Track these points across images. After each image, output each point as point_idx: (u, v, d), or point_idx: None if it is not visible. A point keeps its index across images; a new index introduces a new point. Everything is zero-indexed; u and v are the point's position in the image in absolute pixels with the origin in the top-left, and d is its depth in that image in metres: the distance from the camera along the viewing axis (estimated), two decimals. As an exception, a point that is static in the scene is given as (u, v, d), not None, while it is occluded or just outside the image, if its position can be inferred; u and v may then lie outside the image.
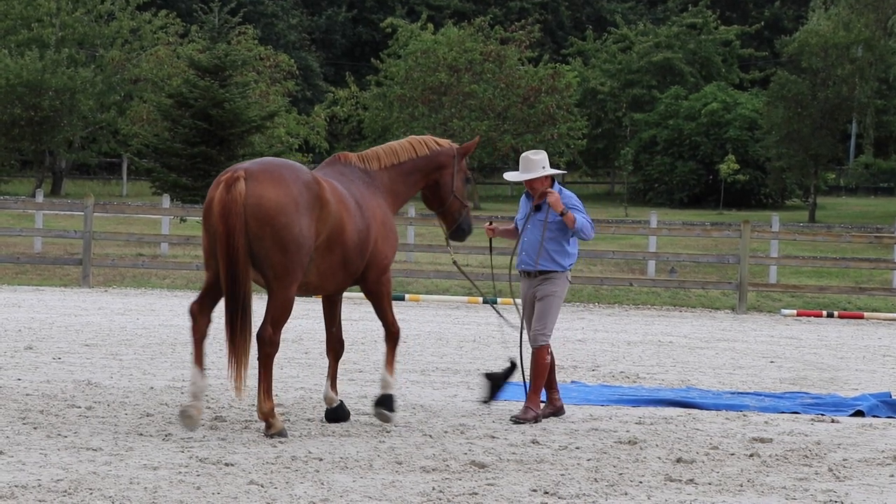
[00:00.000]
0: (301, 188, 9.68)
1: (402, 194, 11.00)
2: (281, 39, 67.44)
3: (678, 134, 57.76)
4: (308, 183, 9.76)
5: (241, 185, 9.53)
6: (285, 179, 9.65)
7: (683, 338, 18.96)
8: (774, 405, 12.34)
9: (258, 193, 9.52)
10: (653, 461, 9.41)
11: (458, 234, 11.49)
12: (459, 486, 8.30)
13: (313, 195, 9.75)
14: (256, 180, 9.56)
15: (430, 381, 13.42)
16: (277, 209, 9.52)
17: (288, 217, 9.55)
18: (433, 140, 11.21)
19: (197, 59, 41.34)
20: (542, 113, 55.48)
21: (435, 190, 11.27)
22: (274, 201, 9.53)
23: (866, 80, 54.39)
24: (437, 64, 55.67)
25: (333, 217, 9.89)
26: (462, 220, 11.45)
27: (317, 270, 9.99)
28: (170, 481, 8.15)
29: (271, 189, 9.56)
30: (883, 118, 58.27)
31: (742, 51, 67.14)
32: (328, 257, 9.98)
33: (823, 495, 8.44)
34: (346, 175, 10.53)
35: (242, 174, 9.59)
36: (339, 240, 9.98)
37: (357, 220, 10.18)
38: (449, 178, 11.29)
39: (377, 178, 10.71)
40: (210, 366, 13.81)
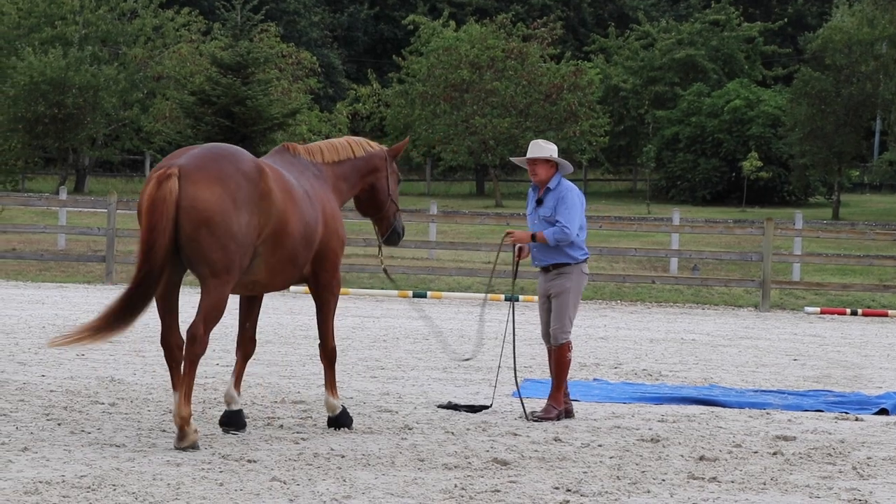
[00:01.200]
0: (240, 181, 9.14)
1: (343, 193, 10.54)
2: (303, 37, 67.49)
3: (701, 131, 57.62)
4: (248, 174, 9.21)
5: (173, 184, 9.00)
6: (223, 175, 9.10)
7: (706, 335, 18.91)
8: (798, 403, 12.30)
9: (192, 195, 9.00)
10: (675, 459, 9.39)
11: (393, 238, 11.09)
12: (482, 484, 8.30)
13: (254, 187, 9.21)
14: (190, 179, 9.02)
15: (451, 378, 13.42)
16: (214, 209, 8.99)
17: (225, 215, 9.02)
18: (367, 142, 10.86)
19: (219, 56, 41.41)
20: (564, 110, 55.41)
21: (371, 194, 10.83)
22: (209, 201, 9.00)
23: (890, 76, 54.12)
24: (459, 61, 55.65)
25: (277, 209, 9.36)
26: (396, 224, 11.03)
27: (265, 266, 9.51)
28: (192, 478, 8.17)
29: (206, 188, 9.01)
30: (907, 115, 57.94)
31: (765, 47, 66.93)
32: (277, 252, 9.49)
33: (847, 494, 8.41)
34: (294, 165, 10.09)
35: (176, 171, 9.05)
36: (284, 232, 9.45)
37: (305, 210, 9.67)
38: (384, 182, 10.85)
39: (324, 172, 10.33)
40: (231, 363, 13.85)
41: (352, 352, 15.33)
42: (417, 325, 18.97)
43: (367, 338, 16.95)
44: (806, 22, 71.69)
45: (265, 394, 11.76)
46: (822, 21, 64.50)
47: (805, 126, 52.14)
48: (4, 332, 16.06)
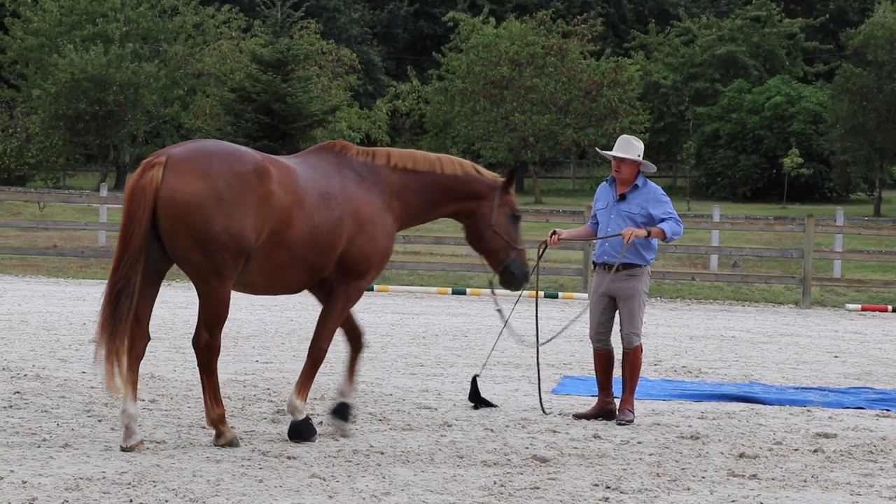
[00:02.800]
0: (230, 180, 8.72)
1: (414, 205, 9.83)
2: (343, 34, 67.60)
3: (741, 127, 57.42)
4: (243, 174, 8.79)
5: (156, 174, 8.66)
6: (210, 170, 8.71)
7: (746, 332, 18.83)
8: (838, 400, 12.24)
9: (173, 186, 8.62)
10: (715, 456, 9.36)
11: (508, 279, 10.29)
12: (521, 481, 8.29)
13: (248, 187, 8.78)
14: (175, 170, 8.66)
15: (491, 375, 13.41)
16: (193, 205, 8.61)
17: (206, 213, 8.61)
18: (472, 166, 10.15)
19: (259, 53, 41.53)
20: (604, 107, 55.32)
21: (470, 222, 10.12)
22: (189, 195, 8.61)
23: (933, 72, 53.72)
24: (499, 58, 55.63)
25: (277, 210, 8.91)
26: (510, 263, 10.23)
27: (260, 270, 9.06)
28: (232, 474, 8.19)
29: (189, 181, 8.63)
30: (950, 111, 57.53)
31: (806, 44, 66.60)
32: (274, 255, 9.02)
33: (889, 491, 8.36)
34: (330, 164, 9.52)
35: (162, 161, 8.71)
36: (285, 235, 9.00)
37: (316, 212, 9.16)
38: (487, 211, 10.04)
39: (380, 175, 9.67)
40: (272, 359, 13.91)
41: (391, 349, 15.34)
42: (456, 322, 18.97)
43: (406, 335, 16.97)
44: (848, 18, 71.27)
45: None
46: (864, 17, 64.11)
47: (846, 122, 51.85)
48: (46, 328, 16.17)
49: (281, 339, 15.96)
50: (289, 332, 16.63)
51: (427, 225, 42.65)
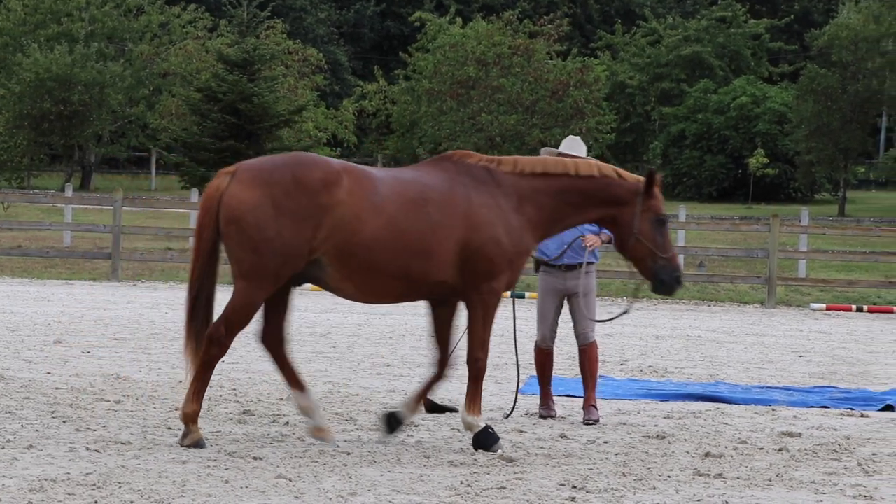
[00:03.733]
0: (289, 188, 8.95)
1: (549, 208, 9.62)
2: (309, 33, 67.51)
3: (707, 128, 57.63)
4: (307, 184, 8.97)
5: (222, 182, 9.09)
6: (271, 178, 9.00)
7: (712, 332, 18.91)
8: (803, 400, 12.30)
9: (231, 192, 9.02)
10: (681, 456, 9.39)
11: (658, 286, 10.00)
12: (487, 480, 8.30)
13: (310, 198, 8.95)
14: (239, 178, 9.06)
15: (456, 374, 13.39)
16: (247, 209, 8.93)
17: (258, 217, 8.92)
18: (613, 169, 9.94)
19: (226, 53, 41.44)
20: (570, 107, 55.35)
21: (615, 230, 9.91)
22: (242, 201, 8.97)
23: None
24: (466, 58, 55.61)
25: (343, 219, 8.99)
26: (659, 270, 9.88)
27: (341, 276, 9.17)
28: (198, 475, 8.17)
29: (246, 189, 8.99)
30: (913, 112, 57.97)
31: (771, 44, 66.91)
32: (350, 260, 9.11)
33: (852, 490, 8.41)
34: (441, 170, 9.53)
35: (232, 170, 9.17)
36: (357, 241, 9.05)
37: (403, 217, 9.18)
38: (629, 218, 9.74)
39: (505, 180, 9.57)
40: (238, 360, 13.87)
41: (358, 349, 15.33)
42: (423, 322, 18.96)
43: (372, 335, 16.96)
44: (812, 19, 71.69)
45: (270, 391, 11.77)
46: (829, 18, 64.51)
47: (811, 123, 52.14)
48: (10, 329, 16.08)
49: (247, 339, 15.86)
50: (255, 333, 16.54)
51: (394, 225, 42.50)
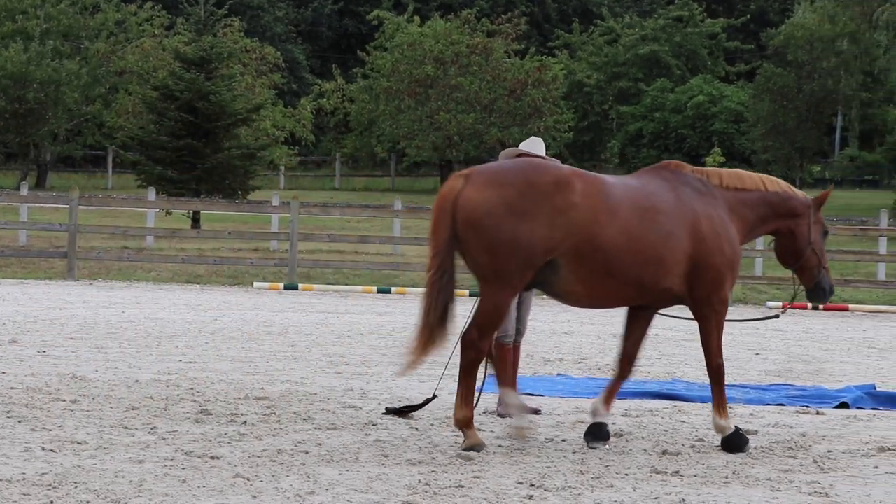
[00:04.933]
0: (524, 189, 9.14)
1: (749, 222, 10.04)
2: (267, 32, 67.30)
3: (664, 126, 57.87)
4: (541, 186, 9.17)
5: (457, 183, 9.27)
6: (505, 180, 9.19)
7: (669, 330, 18.96)
8: (759, 397, 12.36)
9: (467, 194, 9.17)
10: (638, 453, 9.42)
11: (818, 294, 10.51)
12: (446, 479, 8.30)
13: (543, 198, 9.14)
14: (473, 181, 9.23)
15: (416, 374, 13.36)
16: (483, 211, 9.09)
17: (495, 219, 9.07)
18: (787, 185, 10.42)
19: (183, 51, 41.25)
20: (528, 106, 55.47)
21: (790, 240, 10.33)
22: (479, 203, 9.12)
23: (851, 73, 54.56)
24: (424, 56, 55.63)
25: (578, 221, 9.17)
26: (821, 279, 10.42)
27: (576, 279, 9.36)
28: (155, 475, 8.13)
29: (481, 190, 9.15)
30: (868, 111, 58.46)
31: (728, 44, 67.24)
32: (586, 263, 9.29)
33: (808, 487, 8.46)
34: (662, 179, 9.80)
35: (467, 172, 9.36)
36: (593, 244, 9.23)
37: (635, 224, 9.39)
38: (805, 230, 10.27)
39: (716, 193, 9.89)
40: (196, 359, 13.82)
41: (316, 348, 15.31)
42: (381, 320, 18.96)
43: (331, 334, 16.93)
44: (768, 18, 72.07)
45: (228, 390, 11.73)
46: (785, 17, 64.88)
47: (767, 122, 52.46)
48: (-35, 328, 15.96)
49: (205, 338, 15.87)
50: (213, 332, 16.54)
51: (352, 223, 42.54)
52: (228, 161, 36.04)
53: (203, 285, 24.55)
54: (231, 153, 36.26)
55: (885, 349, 17.61)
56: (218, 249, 29.42)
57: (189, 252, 28.16)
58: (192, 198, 33.65)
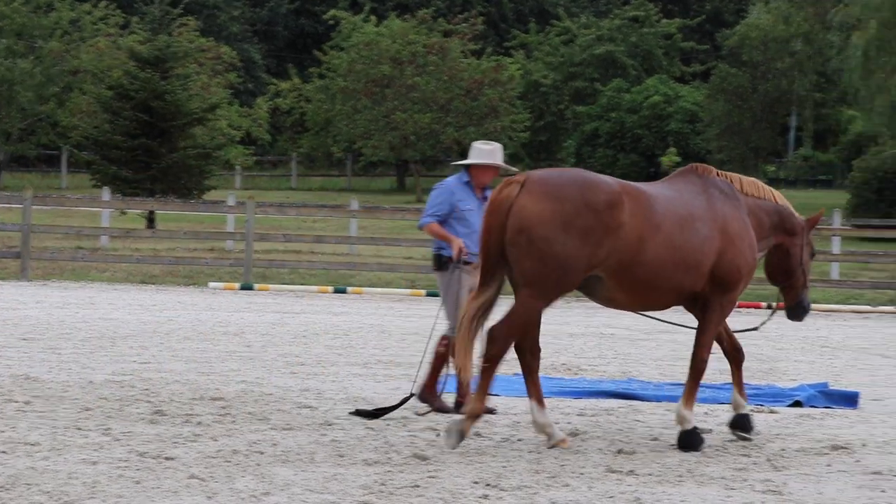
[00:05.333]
0: (579, 207, 9.28)
1: (765, 230, 10.35)
2: (223, 31, 67.07)
3: (620, 126, 58.03)
4: (594, 204, 9.32)
5: (511, 190, 9.37)
6: (561, 196, 9.31)
7: (625, 329, 19.04)
8: (714, 396, 12.42)
9: (522, 203, 9.32)
10: (594, 453, 9.45)
11: (798, 312, 10.92)
12: (402, 479, 8.30)
13: (597, 218, 9.29)
14: (529, 190, 9.36)
15: (372, 373, 13.40)
16: (537, 221, 9.25)
17: (549, 232, 9.24)
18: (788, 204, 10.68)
19: (137, 50, 41.08)
20: (484, 105, 55.53)
21: (785, 258, 10.62)
22: (535, 213, 9.27)
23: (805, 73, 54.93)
24: (380, 56, 55.60)
25: (626, 240, 9.38)
26: (803, 298, 10.85)
27: (618, 287, 9.59)
28: (109, 476, 8.09)
29: (538, 202, 9.30)
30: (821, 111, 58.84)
31: (683, 44, 67.50)
32: (629, 275, 9.52)
33: (762, 485, 8.51)
34: (692, 184, 10.04)
35: (521, 180, 9.45)
36: (638, 259, 9.46)
37: (677, 234, 9.63)
38: (799, 250, 10.62)
39: (739, 198, 10.17)
40: (150, 359, 13.76)
41: (272, 348, 15.27)
42: (337, 320, 18.94)
43: (286, 334, 16.89)
44: (723, 19, 72.41)
45: (183, 391, 11.68)
46: (739, 18, 65.23)
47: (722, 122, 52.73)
48: (-83, 329, 15.82)
49: (159, 339, 15.80)
50: (167, 332, 16.47)
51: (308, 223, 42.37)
52: (184, 161, 35.90)
53: (158, 285, 24.44)
54: (186, 153, 36.12)
55: (837, 348, 17.75)
56: (173, 249, 29.29)
57: (144, 252, 28.03)
58: (147, 198, 33.49)
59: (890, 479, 8.86)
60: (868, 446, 10.07)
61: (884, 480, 8.80)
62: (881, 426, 11.09)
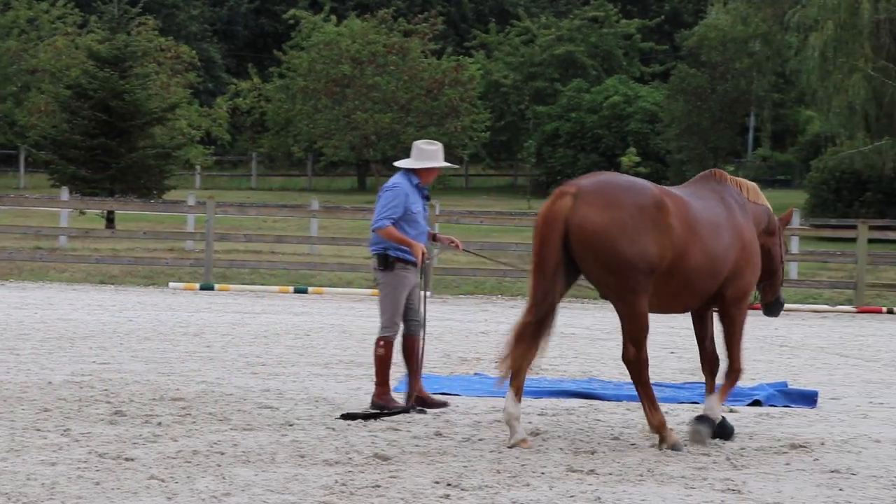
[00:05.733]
0: (634, 211, 9.46)
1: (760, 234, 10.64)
2: (182, 30, 66.82)
3: (580, 126, 58.12)
4: (645, 206, 9.52)
5: (567, 202, 9.46)
6: (617, 202, 9.47)
7: (585, 329, 19.09)
8: (674, 395, 12.47)
9: (582, 214, 9.42)
10: (555, 452, 9.47)
11: (776, 308, 11.26)
12: (362, 479, 8.30)
13: (651, 219, 9.50)
14: (585, 200, 9.45)
15: (333, 373, 13.39)
16: (600, 232, 9.39)
17: (613, 241, 9.39)
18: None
19: (96, 49, 40.82)
20: (445, 105, 55.57)
21: (767, 258, 10.80)
22: (597, 224, 9.39)
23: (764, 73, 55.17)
24: (341, 56, 55.54)
25: (675, 242, 9.61)
26: (780, 295, 11.17)
27: (654, 292, 9.71)
28: (68, 477, 8.05)
29: (597, 212, 9.42)
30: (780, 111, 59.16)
31: (643, 44, 67.70)
32: (669, 282, 9.72)
33: (721, 484, 8.55)
34: (716, 192, 10.30)
35: (573, 190, 9.52)
36: (681, 265, 9.69)
37: (711, 242, 9.88)
38: (778, 249, 10.94)
39: (746, 205, 10.46)
40: (110, 360, 13.69)
41: (232, 348, 15.22)
42: (298, 320, 18.90)
43: (247, 334, 16.85)
44: (682, 19, 72.69)
45: (143, 391, 11.63)
46: (698, 18, 65.47)
47: (681, 122, 52.90)
48: None
49: (119, 339, 15.73)
50: (127, 333, 16.39)
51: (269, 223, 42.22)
52: (143, 160, 35.73)
53: (117, 286, 24.32)
54: (146, 152, 35.95)
55: (796, 347, 17.85)
56: (132, 249, 29.16)
57: (103, 252, 27.88)
58: (107, 197, 33.31)
59: (848, 477, 8.93)
60: (826, 445, 10.14)
61: (842, 479, 8.86)
62: (839, 425, 11.17)
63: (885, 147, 38.36)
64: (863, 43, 38.33)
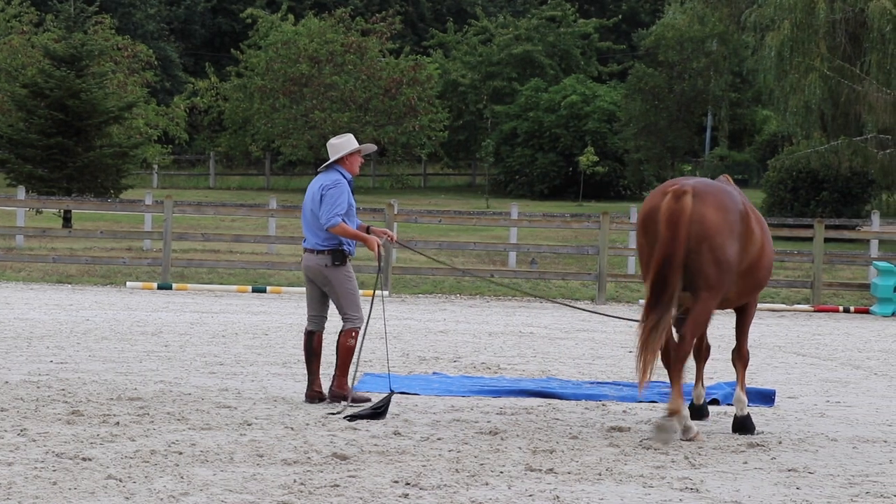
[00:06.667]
0: (736, 217, 10.41)
1: None
2: (139, 29, 66.49)
3: (538, 126, 58.19)
4: (742, 213, 10.47)
5: (689, 200, 10.24)
6: (726, 206, 10.39)
7: (544, 328, 19.14)
8: (633, 394, 12.50)
9: (701, 212, 10.26)
10: (513, 451, 9.49)
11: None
12: (321, 479, 8.29)
13: (745, 225, 10.48)
14: (702, 200, 10.30)
15: (291, 373, 13.37)
16: (716, 230, 10.26)
17: (724, 238, 10.29)
18: None
19: (52, 48, 40.57)
20: (403, 105, 55.53)
21: None
22: (714, 222, 10.27)
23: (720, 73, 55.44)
24: (298, 55, 55.41)
25: (756, 245, 10.59)
26: None
27: (736, 288, 10.62)
28: (25, 477, 8.01)
29: (713, 211, 10.30)
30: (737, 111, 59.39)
31: (600, 44, 67.89)
32: (747, 279, 10.66)
33: (679, 482, 8.59)
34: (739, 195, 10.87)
35: (690, 190, 10.29)
36: (759, 264, 10.69)
37: (767, 244, 10.83)
38: None
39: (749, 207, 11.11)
40: (67, 359, 13.62)
41: (190, 347, 15.17)
42: (256, 320, 18.86)
43: (205, 333, 16.79)
44: (639, 19, 72.96)
45: (100, 391, 11.58)
46: (656, 18, 65.74)
47: (639, 121, 53.06)
48: None
49: (76, 338, 15.65)
50: (84, 332, 16.31)
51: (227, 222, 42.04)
52: (100, 159, 35.53)
53: (75, 285, 24.19)
54: (103, 151, 35.75)
55: (753, 346, 17.87)
56: (90, 249, 29.00)
57: (60, 251, 27.72)
58: (64, 197, 33.11)
59: (805, 476, 8.99)
60: (784, 444, 10.21)
61: (799, 478, 8.92)
62: (796, 424, 11.25)
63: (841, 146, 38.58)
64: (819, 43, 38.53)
